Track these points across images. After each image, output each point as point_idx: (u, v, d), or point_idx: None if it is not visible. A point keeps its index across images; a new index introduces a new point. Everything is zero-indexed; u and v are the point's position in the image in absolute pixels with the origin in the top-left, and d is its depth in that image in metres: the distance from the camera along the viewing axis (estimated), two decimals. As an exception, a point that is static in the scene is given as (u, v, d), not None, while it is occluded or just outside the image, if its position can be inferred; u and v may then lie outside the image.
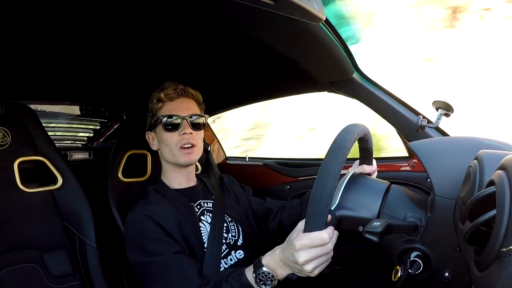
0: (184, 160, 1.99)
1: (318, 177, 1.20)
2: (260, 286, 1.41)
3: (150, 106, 2.07)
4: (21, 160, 1.97)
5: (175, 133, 1.98)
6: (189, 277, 1.64)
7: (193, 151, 2.02)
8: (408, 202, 1.39)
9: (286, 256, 1.31)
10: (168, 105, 2.02)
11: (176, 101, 2.03)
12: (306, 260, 1.21)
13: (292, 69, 2.06)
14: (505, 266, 0.65)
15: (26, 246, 1.93)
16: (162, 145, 2.03)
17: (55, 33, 1.78)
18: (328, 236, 1.20)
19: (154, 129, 2.07)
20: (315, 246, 1.20)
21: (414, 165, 2.21)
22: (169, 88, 2.02)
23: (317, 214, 1.19)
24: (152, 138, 2.11)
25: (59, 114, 3.47)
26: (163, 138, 2.00)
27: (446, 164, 1.32)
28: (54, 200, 2.07)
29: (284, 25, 1.46)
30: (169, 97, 2.02)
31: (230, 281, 1.49)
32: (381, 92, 2.16)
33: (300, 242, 1.22)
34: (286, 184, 2.89)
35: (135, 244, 1.80)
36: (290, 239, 1.30)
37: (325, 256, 1.23)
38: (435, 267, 1.28)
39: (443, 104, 1.56)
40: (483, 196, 0.81)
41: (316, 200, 1.18)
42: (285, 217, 2.15)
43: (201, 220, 2.00)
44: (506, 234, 0.68)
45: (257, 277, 1.41)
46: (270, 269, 1.39)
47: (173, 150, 1.99)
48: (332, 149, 1.25)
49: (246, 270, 1.48)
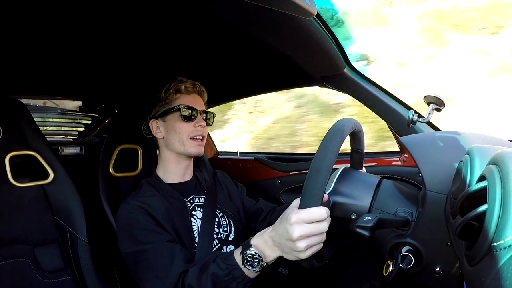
0: (194, 150, 2.05)
1: (317, 153, 1.21)
2: (247, 267, 1.41)
3: (163, 95, 2.09)
4: (12, 154, 1.96)
5: (190, 124, 2.03)
6: (176, 263, 1.64)
7: (203, 143, 2.09)
8: (399, 196, 1.39)
9: (279, 233, 1.30)
10: (185, 98, 2.08)
11: (192, 95, 2.11)
12: (300, 236, 1.20)
13: (283, 64, 2.07)
14: (496, 261, 0.66)
15: (17, 241, 1.93)
16: (172, 133, 2.05)
17: (47, 28, 1.77)
18: (326, 212, 1.20)
19: (163, 117, 2.09)
20: (312, 221, 1.20)
21: (406, 160, 2.21)
22: (188, 82, 2.10)
23: (314, 188, 1.18)
24: (157, 126, 2.12)
25: (51, 109, 3.46)
26: (176, 127, 2.03)
27: (437, 159, 1.32)
28: (46, 194, 2.06)
29: (275, 20, 1.45)
30: (188, 90, 2.09)
31: (217, 261, 1.50)
32: (373, 86, 2.17)
33: (297, 215, 1.21)
34: (277, 179, 2.89)
35: (127, 234, 1.81)
36: (285, 215, 1.29)
37: (319, 236, 1.23)
38: (426, 261, 1.28)
39: (435, 99, 1.56)
40: (474, 191, 0.81)
41: (313, 174, 1.18)
42: (274, 219, 2.12)
43: (193, 215, 2.00)
44: (497, 228, 0.68)
45: (244, 257, 1.41)
46: (259, 250, 1.39)
47: (184, 139, 2.03)
48: (331, 130, 1.27)
49: (235, 251, 1.49)
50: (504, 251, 0.65)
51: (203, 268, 1.53)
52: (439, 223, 1.22)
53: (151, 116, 2.15)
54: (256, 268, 1.40)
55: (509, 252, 0.63)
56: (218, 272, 1.46)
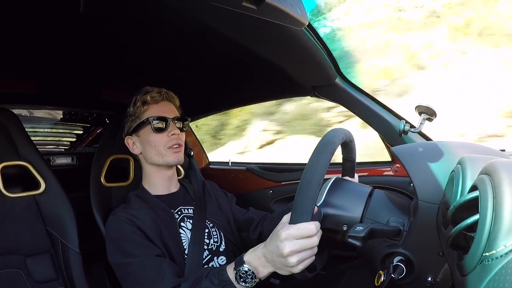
0: (173, 159, 2.02)
1: (307, 167, 1.21)
2: (240, 283, 1.40)
3: (131, 110, 2.06)
4: (4, 165, 1.95)
5: (164, 134, 2.00)
6: (167, 277, 1.63)
7: (181, 150, 2.06)
8: (391, 206, 1.40)
9: (270, 249, 1.29)
10: (154, 108, 2.04)
11: (161, 104, 2.06)
12: (291, 251, 1.19)
13: (275, 74, 2.07)
14: (488, 271, 0.66)
15: (9, 251, 1.92)
16: (148, 147, 2.03)
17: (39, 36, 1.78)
18: (315, 227, 1.20)
19: (136, 132, 2.07)
20: (302, 237, 1.19)
21: (397, 170, 2.21)
22: (154, 91, 2.05)
23: (304, 204, 1.18)
24: (133, 142, 2.10)
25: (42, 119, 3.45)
26: (150, 139, 2.01)
27: (429, 169, 1.33)
28: (37, 205, 2.05)
29: (266, 30, 1.46)
30: (155, 100, 2.04)
31: (210, 277, 1.48)
32: (364, 96, 2.17)
33: (287, 232, 1.20)
34: (269, 189, 2.89)
35: (115, 246, 1.81)
36: (275, 231, 1.29)
37: (310, 250, 1.22)
38: (418, 271, 1.28)
39: (426, 109, 1.57)
40: (466, 201, 0.81)
41: (303, 188, 1.18)
42: (266, 227, 2.15)
43: (181, 226, 2.00)
44: (489, 238, 0.69)
45: (237, 273, 1.40)
46: (252, 266, 1.38)
47: (161, 150, 2.00)
48: (322, 142, 1.27)
49: (228, 267, 1.47)
50: (495, 261, 0.65)
51: (195, 283, 1.52)
52: (431, 233, 1.22)
53: (125, 133, 2.14)
54: (249, 284, 1.39)
55: (501, 262, 0.63)
56: (210, 287, 1.46)
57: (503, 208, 0.68)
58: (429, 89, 8.75)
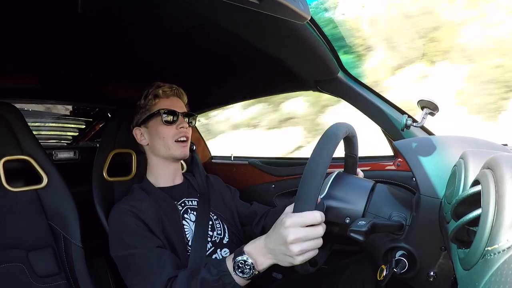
0: (179, 153, 2.07)
1: (311, 158, 1.22)
2: (238, 274, 1.40)
3: (142, 102, 2.12)
4: (6, 159, 1.95)
5: (173, 127, 2.06)
6: (167, 268, 1.64)
7: (187, 144, 2.11)
8: (393, 201, 1.39)
9: (272, 239, 1.30)
10: (164, 101, 2.10)
11: (171, 98, 2.13)
12: (295, 239, 1.19)
13: (277, 68, 2.07)
14: (490, 265, 0.66)
15: (11, 246, 1.92)
16: (156, 138, 2.07)
17: (41, 32, 1.78)
18: (320, 216, 1.20)
19: (145, 124, 2.11)
20: (306, 224, 1.19)
21: (400, 164, 2.21)
22: (165, 86, 2.12)
23: (308, 193, 1.18)
24: (141, 133, 2.14)
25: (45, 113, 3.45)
26: (159, 131, 2.05)
27: (431, 163, 1.32)
28: (39, 199, 2.05)
29: (269, 24, 1.46)
30: (166, 94, 2.12)
31: (209, 267, 1.48)
32: (366, 91, 2.17)
33: (291, 219, 1.20)
34: (271, 183, 2.89)
35: (117, 238, 1.82)
36: (279, 220, 1.29)
37: (314, 241, 1.22)
38: (420, 266, 1.28)
39: (429, 103, 1.56)
40: (468, 195, 0.81)
41: (308, 178, 1.18)
42: (269, 222, 2.15)
43: (185, 218, 2.01)
44: (491, 233, 0.68)
45: (235, 263, 1.39)
46: (251, 257, 1.38)
47: (169, 143, 2.05)
48: (326, 135, 1.27)
49: (228, 257, 1.47)
50: (498, 256, 0.64)
51: (193, 273, 1.52)
52: (433, 228, 1.22)
53: (133, 124, 2.17)
54: (247, 275, 1.38)
55: (503, 256, 0.63)
56: (208, 277, 1.45)
57: (506, 203, 0.67)
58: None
